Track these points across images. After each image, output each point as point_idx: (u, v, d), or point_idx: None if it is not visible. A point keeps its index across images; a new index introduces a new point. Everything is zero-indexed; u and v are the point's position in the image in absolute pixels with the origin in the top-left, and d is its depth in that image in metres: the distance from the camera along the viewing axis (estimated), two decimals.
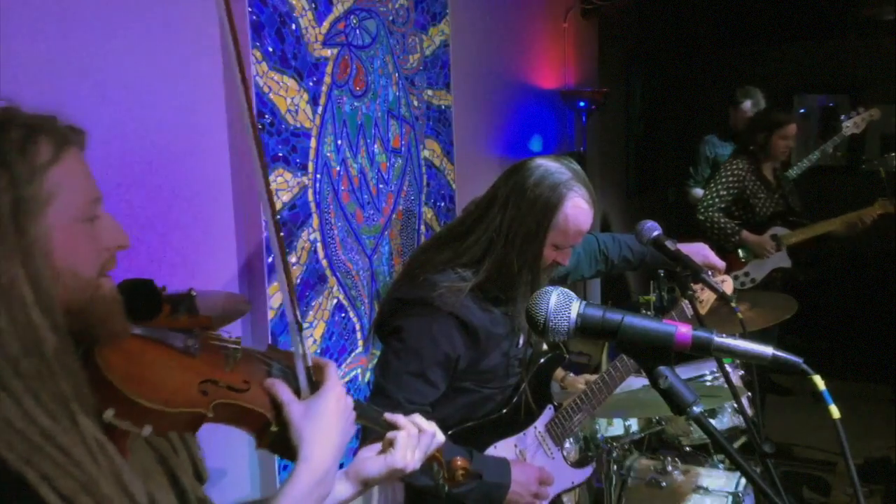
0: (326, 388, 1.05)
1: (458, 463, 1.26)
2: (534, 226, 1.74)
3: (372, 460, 1.18)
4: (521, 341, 1.93)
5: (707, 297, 2.12)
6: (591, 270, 2.26)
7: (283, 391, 1.02)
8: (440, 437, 1.23)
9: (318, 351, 2.48)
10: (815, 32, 6.14)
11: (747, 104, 4.49)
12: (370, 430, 1.73)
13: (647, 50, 5.97)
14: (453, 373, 1.79)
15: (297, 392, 1.04)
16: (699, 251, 2.13)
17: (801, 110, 6.56)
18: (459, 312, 1.74)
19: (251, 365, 1.05)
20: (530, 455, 1.96)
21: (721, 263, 2.14)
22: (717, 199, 3.84)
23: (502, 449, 1.90)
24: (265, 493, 2.27)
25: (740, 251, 3.88)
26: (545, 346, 2.07)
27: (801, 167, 4.07)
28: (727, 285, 2.12)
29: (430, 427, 1.23)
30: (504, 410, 1.93)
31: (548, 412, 2.01)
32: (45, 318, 0.84)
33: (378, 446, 1.21)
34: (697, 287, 2.05)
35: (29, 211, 0.85)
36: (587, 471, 2.08)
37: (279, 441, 1.01)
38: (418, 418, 1.24)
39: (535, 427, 1.98)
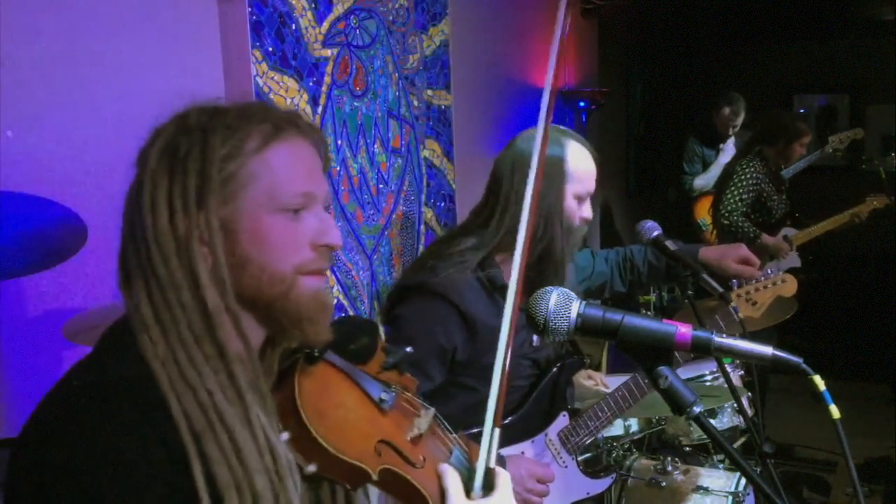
0: (497, 497, 0.97)
1: None
2: (550, 179, 1.70)
3: None
4: (535, 340, 1.84)
5: (762, 300, 2.04)
6: (624, 284, 2.18)
7: (455, 483, 0.95)
8: None
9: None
10: (815, 32, 6.14)
11: (727, 109, 4.70)
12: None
13: (647, 50, 5.97)
14: (451, 365, 1.73)
15: (468, 491, 0.97)
16: (736, 251, 2.06)
17: (801, 110, 6.56)
18: (458, 301, 1.68)
19: (434, 443, 0.99)
20: None
21: (757, 260, 2.07)
22: (739, 203, 3.83)
23: (506, 454, 1.80)
24: None
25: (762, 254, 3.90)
26: (564, 349, 1.98)
27: (789, 173, 4.11)
28: (791, 285, 2.05)
29: None
30: (510, 417, 1.84)
31: (561, 419, 1.91)
32: (220, 301, 0.84)
33: None
34: (752, 288, 2.00)
35: (212, 191, 0.85)
36: (605, 482, 1.99)
37: None
38: None
39: (546, 434, 1.89)
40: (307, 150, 0.92)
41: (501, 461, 1.73)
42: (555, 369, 1.90)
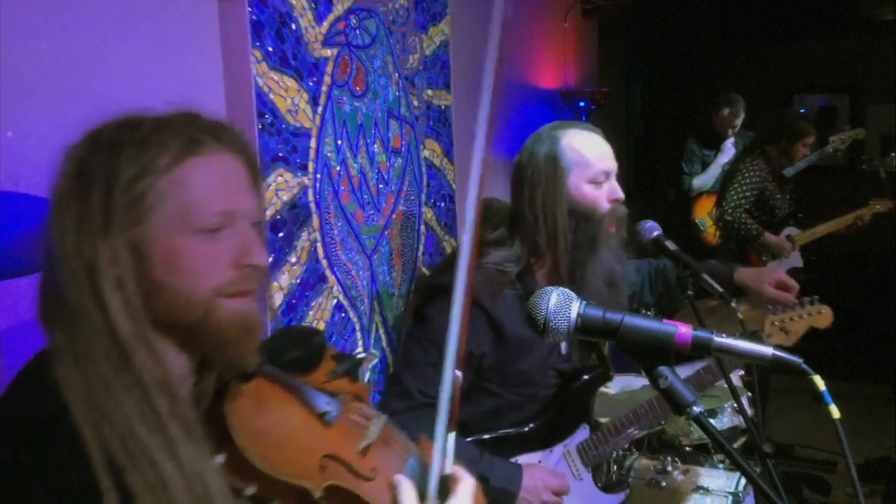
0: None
1: None
2: (544, 173, 1.68)
3: None
4: (563, 349, 1.81)
5: (795, 329, 2.00)
6: (653, 296, 2.14)
7: (408, 495, 0.91)
8: None
9: None
10: (815, 32, 6.14)
11: (726, 110, 4.72)
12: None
13: (647, 50, 5.96)
14: (477, 370, 1.70)
15: (423, 497, 0.93)
16: (773, 274, 2.01)
17: (802, 110, 6.56)
18: (489, 306, 1.65)
19: (386, 452, 0.95)
20: None
21: (795, 284, 2.03)
22: (742, 200, 3.86)
23: (523, 463, 1.79)
24: None
25: (764, 252, 3.91)
26: (591, 360, 1.95)
27: (789, 173, 4.11)
28: (827, 316, 2.01)
29: None
30: (531, 425, 1.82)
31: (581, 432, 1.88)
32: (133, 327, 0.80)
33: None
34: (786, 317, 1.96)
35: (118, 213, 0.80)
36: (619, 496, 1.95)
37: None
38: None
39: (565, 445, 1.86)
40: (228, 165, 0.86)
41: (518, 469, 1.72)
42: (580, 381, 1.86)
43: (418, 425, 1.64)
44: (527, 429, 1.82)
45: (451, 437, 0.93)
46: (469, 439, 1.75)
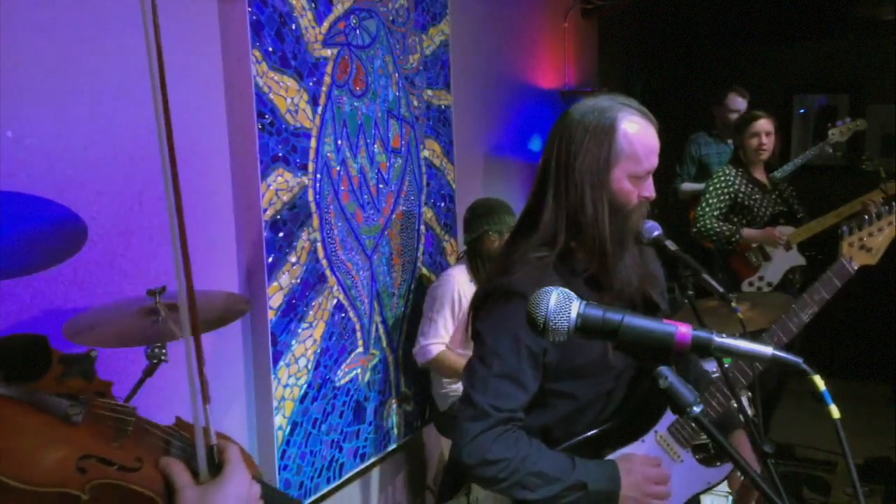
0: (227, 473, 0.93)
1: None
2: (595, 157, 1.57)
3: None
4: None
5: (877, 245, 1.83)
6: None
7: (180, 473, 0.90)
8: None
9: (318, 351, 2.48)
10: (814, 32, 6.14)
11: (737, 99, 4.63)
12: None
13: (647, 50, 5.97)
14: (544, 370, 1.61)
15: (196, 475, 0.93)
16: None
17: (802, 110, 6.56)
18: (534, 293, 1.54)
19: (146, 439, 0.93)
20: None
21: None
22: (708, 209, 3.81)
23: (616, 458, 1.70)
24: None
25: (751, 256, 3.87)
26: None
27: (785, 171, 4.07)
28: None
29: None
30: (616, 420, 1.71)
31: (670, 413, 1.75)
32: None
33: None
34: (864, 234, 1.82)
35: None
36: (725, 469, 1.83)
37: None
38: None
39: (656, 431, 1.75)
40: None
41: (614, 466, 1.62)
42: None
43: (502, 445, 1.55)
44: (612, 424, 1.72)
45: (209, 408, 0.93)
46: (559, 448, 1.67)
